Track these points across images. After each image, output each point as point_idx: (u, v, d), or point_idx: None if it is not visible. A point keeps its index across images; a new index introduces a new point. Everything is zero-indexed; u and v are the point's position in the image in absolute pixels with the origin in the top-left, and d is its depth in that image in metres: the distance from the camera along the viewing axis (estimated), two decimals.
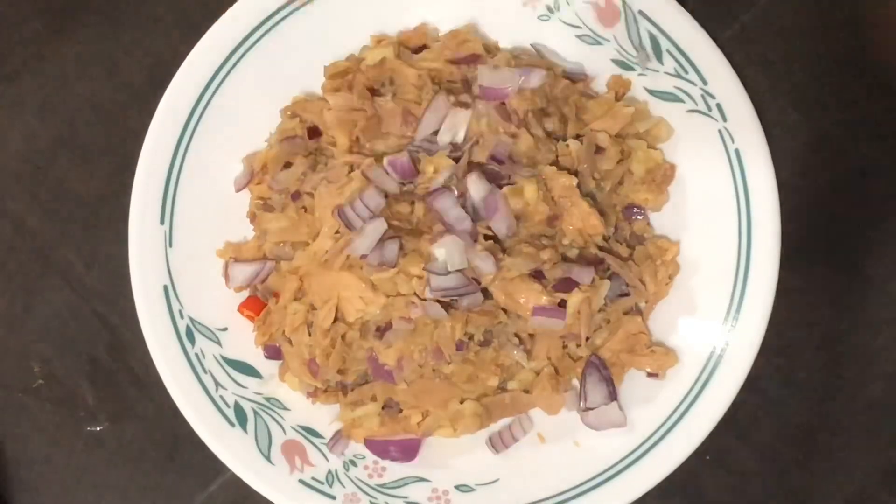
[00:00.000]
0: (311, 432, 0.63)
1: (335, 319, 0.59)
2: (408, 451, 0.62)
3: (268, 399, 0.63)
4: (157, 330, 0.62)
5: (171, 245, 0.63)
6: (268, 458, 0.62)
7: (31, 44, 0.70)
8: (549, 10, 0.64)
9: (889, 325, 0.64)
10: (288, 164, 0.63)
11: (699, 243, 0.62)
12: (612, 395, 0.60)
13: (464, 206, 0.57)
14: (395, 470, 0.62)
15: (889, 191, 0.65)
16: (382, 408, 0.62)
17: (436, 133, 0.60)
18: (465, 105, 0.60)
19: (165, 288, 0.62)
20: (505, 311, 0.59)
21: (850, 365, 0.64)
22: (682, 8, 0.62)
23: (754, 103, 0.61)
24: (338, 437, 0.62)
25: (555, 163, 0.60)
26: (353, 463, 0.62)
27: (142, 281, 0.62)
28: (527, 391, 0.62)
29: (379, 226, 0.57)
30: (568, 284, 0.58)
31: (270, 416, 0.63)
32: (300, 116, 0.63)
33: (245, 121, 0.64)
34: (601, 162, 0.61)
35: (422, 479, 0.62)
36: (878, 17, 0.66)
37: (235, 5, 0.64)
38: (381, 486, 0.62)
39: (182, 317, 0.63)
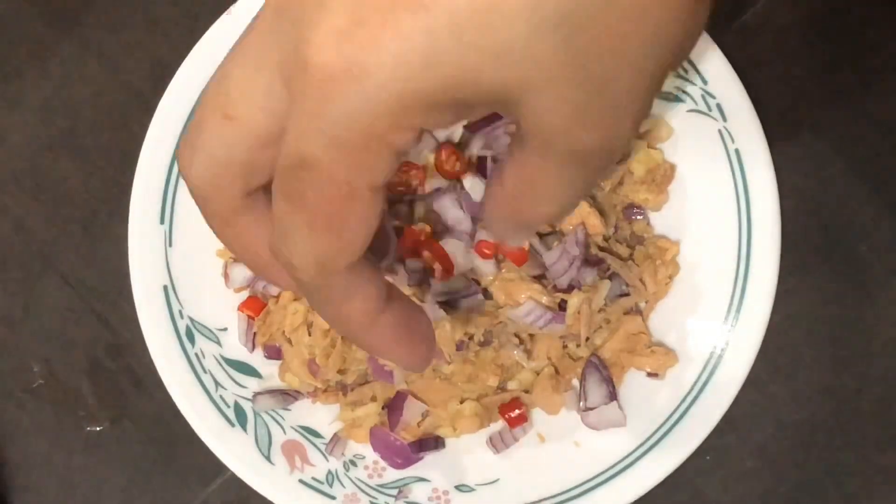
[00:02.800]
0: (311, 432, 0.63)
1: None
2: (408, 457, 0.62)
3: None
4: (157, 330, 0.62)
5: (171, 245, 0.63)
6: (268, 458, 0.62)
7: (31, 44, 0.70)
8: None
9: (889, 325, 0.64)
10: None
11: (699, 243, 0.62)
12: (612, 395, 0.60)
13: (462, 206, 0.57)
14: (395, 470, 0.62)
15: (890, 190, 0.65)
16: (382, 408, 0.62)
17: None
18: None
19: (165, 288, 0.63)
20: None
21: (850, 365, 0.64)
22: None
23: (754, 103, 0.61)
24: (336, 439, 0.62)
25: None
26: (353, 463, 0.62)
27: (142, 281, 0.62)
28: (527, 391, 0.62)
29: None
30: (568, 285, 0.58)
31: (270, 415, 0.63)
32: None
33: None
34: None
35: (422, 479, 0.62)
36: (877, 16, 0.66)
37: (235, 5, 0.63)
38: (381, 486, 0.62)
39: (182, 317, 0.63)
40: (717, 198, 0.61)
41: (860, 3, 0.66)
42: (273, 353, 0.63)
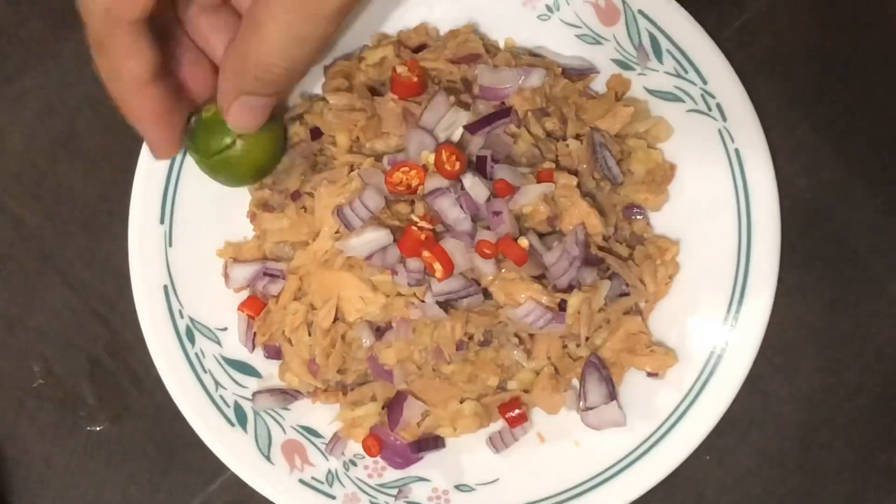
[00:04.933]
0: (311, 432, 0.63)
1: (335, 319, 0.59)
2: (406, 457, 0.62)
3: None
4: (157, 330, 0.62)
5: (171, 245, 0.63)
6: (268, 457, 0.62)
7: (31, 44, 0.70)
8: (549, 9, 0.64)
9: (888, 325, 0.64)
10: None
11: (699, 243, 0.62)
12: (612, 395, 0.60)
13: (462, 206, 0.57)
14: (395, 469, 0.62)
15: (889, 190, 0.65)
16: (382, 408, 0.62)
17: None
18: (465, 105, 0.60)
19: (165, 288, 0.63)
20: None
21: (850, 365, 0.64)
22: (682, 8, 0.62)
23: (754, 103, 0.61)
24: (336, 439, 0.62)
25: (555, 163, 0.60)
26: (353, 463, 0.62)
27: (142, 281, 0.62)
28: (527, 391, 0.62)
29: (383, 237, 0.57)
30: (568, 285, 0.58)
31: (270, 415, 0.63)
32: (301, 119, 0.63)
33: None
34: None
35: (422, 479, 0.62)
36: (876, 16, 0.66)
37: None
38: (381, 485, 0.62)
39: (182, 317, 0.63)
40: (717, 198, 0.61)
41: (859, 4, 0.66)
42: (273, 352, 0.63)
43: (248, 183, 0.62)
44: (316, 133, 0.63)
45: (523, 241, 0.57)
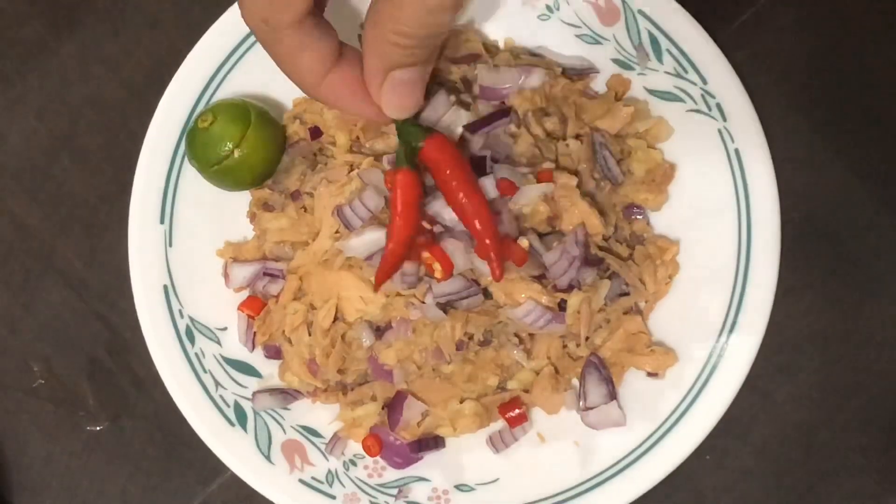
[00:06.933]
0: (311, 432, 0.63)
1: (335, 319, 0.59)
2: (407, 457, 0.62)
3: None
4: (157, 330, 0.62)
5: (170, 245, 0.63)
6: (268, 457, 0.62)
7: (31, 44, 0.70)
8: (549, 9, 0.64)
9: (888, 325, 0.64)
10: None
11: (699, 243, 0.62)
12: (612, 395, 0.60)
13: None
14: (395, 469, 0.62)
15: (888, 191, 0.65)
16: (382, 408, 0.62)
17: None
18: (465, 105, 0.60)
19: (165, 288, 0.63)
20: None
21: (850, 364, 0.64)
22: (682, 8, 0.62)
23: (754, 103, 0.61)
24: (336, 439, 0.62)
25: (555, 163, 0.60)
26: (353, 463, 0.62)
27: (142, 281, 0.62)
28: (527, 391, 0.62)
29: (383, 237, 0.57)
30: (568, 285, 0.58)
31: (270, 415, 0.63)
32: (300, 118, 0.63)
33: None
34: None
35: (422, 479, 0.62)
36: (876, 15, 0.66)
37: (235, 5, 0.64)
38: (381, 485, 0.62)
39: (182, 316, 0.63)
40: (717, 198, 0.61)
41: (859, 3, 0.66)
42: (273, 352, 0.63)
43: (250, 187, 0.63)
44: (315, 132, 0.63)
45: (523, 241, 0.57)
